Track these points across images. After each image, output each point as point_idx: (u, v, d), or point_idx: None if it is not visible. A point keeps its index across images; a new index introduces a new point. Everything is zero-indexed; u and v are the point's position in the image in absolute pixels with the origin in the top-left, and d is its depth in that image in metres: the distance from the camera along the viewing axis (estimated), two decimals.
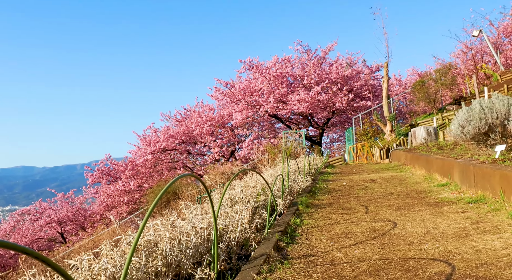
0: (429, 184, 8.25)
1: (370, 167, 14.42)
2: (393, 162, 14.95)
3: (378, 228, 4.80)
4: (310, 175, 10.58)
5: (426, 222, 4.86)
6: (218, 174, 22.95)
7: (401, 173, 11.02)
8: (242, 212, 4.78)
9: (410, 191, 7.66)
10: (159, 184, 24.34)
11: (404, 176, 10.12)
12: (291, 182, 7.90)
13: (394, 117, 21.49)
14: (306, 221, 5.38)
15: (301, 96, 24.48)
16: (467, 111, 7.39)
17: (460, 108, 21.41)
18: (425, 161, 9.95)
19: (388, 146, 20.22)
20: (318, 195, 7.95)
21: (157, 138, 25.97)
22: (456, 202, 5.92)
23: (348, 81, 26.24)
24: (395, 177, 10.19)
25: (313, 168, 11.60)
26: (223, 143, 26.64)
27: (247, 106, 26.09)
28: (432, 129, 14.83)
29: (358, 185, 9.15)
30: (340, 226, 5.02)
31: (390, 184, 8.86)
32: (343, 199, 7.30)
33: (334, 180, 10.52)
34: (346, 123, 30.19)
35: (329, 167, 15.26)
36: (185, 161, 26.66)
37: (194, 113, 27.89)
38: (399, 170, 11.79)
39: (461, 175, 7.05)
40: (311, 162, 12.89)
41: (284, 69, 25.23)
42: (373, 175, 11.12)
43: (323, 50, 26.01)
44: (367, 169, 13.58)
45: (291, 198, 7.21)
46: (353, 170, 13.29)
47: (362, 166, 15.94)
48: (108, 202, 25.37)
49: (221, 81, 26.10)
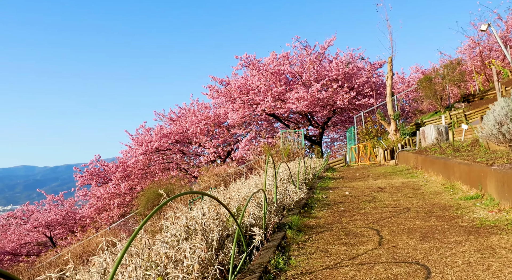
0: (452, 196, 6.50)
1: (374, 170, 12.66)
2: (400, 165, 13.19)
3: (403, 277, 3.06)
4: (307, 182, 8.85)
5: (476, 268, 3.11)
6: (213, 175, 21.26)
7: (412, 179, 9.26)
8: (194, 251, 3.04)
9: (431, 205, 5.91)
10: (150, 186, 22.66)
11: (418, 183, 8.36)
12: (281, 194, 6.16)
13: (399, 115, 19.71)
14: (294, 261, 3.63)
15: (300, 94, 22.74)
16: (508, 104, 5.61)
17: (470, 106, 19.58)
18: (443, 166, 8.19)
19: (393, 146, 18.45)
20: (315, 210, 6.21)
21: (150, 138, 24.27)
22: (505, 228, 4.16)
23: (349, 78, 24.48)
24: (406, 184, 8.43)
25: (310, 172, 9.86)
26: (219, 143, 24.92)
27: (244, 105, 24.35)
28: (443, 128, 13.07)
29: (364, 195, 7.41)
30: (344, 272, 3.28)
31: (402, 195, 7.12)
32: (347, 217, 5.56)
33: (335, 187, 8.77)
34: (347, 123, 28.41)
35: (329, 170, 13.51)
36: (179, 162, 24.94)
37: (188, 112, 26.18)
38: (410, 175, 10.03)
39: (499, 187, 5.30)
40: (309, 165, 11.15)
41: (282, 66, 23.49)
42: (380, 181, 9.36)
43: (322, 46, 24.24)
44: (372, 172, 11.82)
45: (280, 216, 5.48)
46: (356, 174, 11.53)
47: (365, 168, 14.19)
48: (98, 204, 23.68)
49: (216, 78, 24.37)
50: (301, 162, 10.91)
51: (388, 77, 19.70)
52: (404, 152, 13.44)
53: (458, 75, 19.63)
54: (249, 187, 6.23)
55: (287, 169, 8.28)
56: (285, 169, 9.69)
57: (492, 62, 21.43)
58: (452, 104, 20.68)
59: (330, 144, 35.82)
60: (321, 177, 10.95)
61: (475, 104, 19.34)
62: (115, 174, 23.10)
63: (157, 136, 24.06)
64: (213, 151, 24.27)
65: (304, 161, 9.59)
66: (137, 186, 23.98)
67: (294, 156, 18.39)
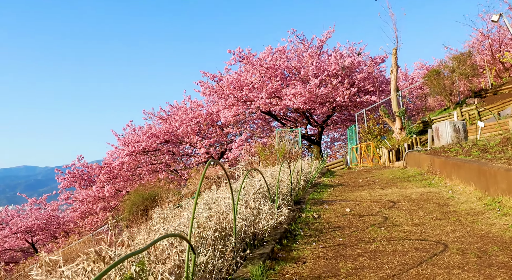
0: (504, 219, 4.26)
1: (380, 174, 10.41)
2: (410, 168, 10.92)
3: None
4: (295, 193, 6.62)
5: None
6: None
7: (432, 188, 7.01)
8: None
9: (478, 237, 3.68)
10: (136, 190, 20.52)
11: (442, 195, 6.12)
12: (246, 221, 3.93)
13: (405, 112, 17.44)
14: None
15: (297, 90, 20.51)
16: None
17: (483, 102, 17.28)
18: (476, 172, 5.94)
19: (398, 146, 16.19)
20: (299, 243, 3.99)
21: (137, 138, 22.10)
22: None
23: (350, 74, 22.23)
24: (426, 196, 6.19)
25: (301, 180, 7.61)
26: (211, 143, 22.72)
27: (237, 102, 22.14)
28: (460, 125, 10.81)
29: (371, 214, 5.17)
30: None
31: (426, 214, 4.88)
32: (347, 261, 3.33)
33: (332, 200, 6.53)
34: (348, 122, 26.15)
35: (326, 175, 11.25)
36: (169, 163, 22.75)
37: (180, 110, 23.99)
38: (426, 182, 7.77)
39: None
40: (303, 168, 8.90)
41: (278, 60, 21.29)
42: (390, 190, 7.12)
43: (320, 39, 21.96)
44: (378, 177, 9.58)
45: (236, 261, 3.26)
46: (359, 180, 9.28)
47: (368, 171, 11.94)
48: (82, 209, 21.53)
49: (208, 74, 22.18)
50: (294, 164, 8.71)
51: (392, 70, 17.43)
52: (414, 153, 11.18)
53: (470, 68, 17.33)
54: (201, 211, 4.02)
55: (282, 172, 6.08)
56: (271, 174, 7.50)
57: (505, 55, 19.11)
58: (463, 100, 18.39)
59: (330, 144, 33.53)
60: (315, 184, 8.71)
61: (489, 100, 17.05)
62: (99, 176, 20.91)
63: (145, 136, 21.89)
64: (205, 151, 22.06)
65: (299, 163, 7.38)
66: (123, 189, 21.82)
67: (290, 157, 16.21)
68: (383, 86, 23.37)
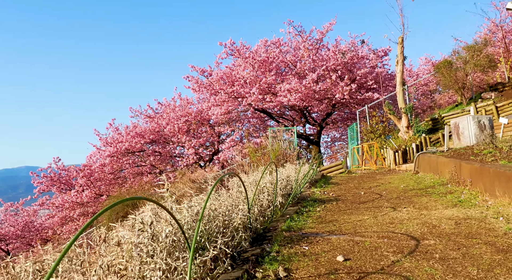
0: None
1: (387, 181, 8.17)
2: (424, 174, 8.68)
3: None
4: (262, 220, 4.39)
5: None
6: (188, 182, 16.81)
7: (467, 209, 4.78)
8: None
9: None
10: (117, 195, 18.37)
11: (491, 225, 3.91)
12: None
13: (412, 108, 15.18)
14: None
15: (292, 86, 18.29)
16: None
17: (501, 96, 14.97)
18: None
19: (405, 147, 13.95)
20: None
21: (121, 137, 19.95)
22: None
23: (351, 69, 19.98)
24: (466, 226, 3.97)
25: (278, 194, 5.39)
26: (201, 143, 20.54)
27: (228, 98, 19.95)
28: (486, 121, 8.56)
29: (381, 272, 2.97)
30: None
31: (481, 271, 2.69)
32: None
33: (316, 234, 4.31)
34: (349, 120, 23.89)
35: (319, 183, 8.99)
36: (155, 165, 20.58)
37: (168, 107, 21.82)
38: (453, 196, 5.54)
39: None
40: (288, 175, 6.68)
41: (273, 53, 19.09)
42: (405, 212, 4.89)
43: (320, 31, 19.66)
44: (385, 187, 7.35)
45: None
46: (360, 192, 7.05)
47: (372, 176, 9.71)
48: (60, 215, 19.41)
49: (197, 68, 19.99)
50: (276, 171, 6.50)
51: (398, 61, 15.18)
52: (429, 155, 8.93)
53: (485, 58, 15.05)
54: None
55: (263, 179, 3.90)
56: (256, 181, 5.36)
57: None
58: (477, 95, 16.11)
59: (331, 144, 31.25)
60: (302, 198, 6.47)
61: (508, 94, 14.77)
62: (77, 179, 18.78)
63: (129, 136, 19.74)
64: (193, 152, 19.88)
65: (287, 168, 5.19)
66: (105, 194, 19.68)
67: (285, 158, 14.01)
68: (386, 83, 21.12)
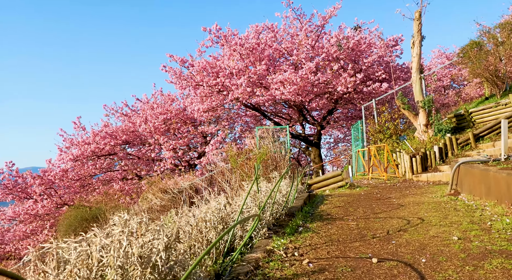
0: None
1: (415, 213, 4.89)
2: (471, 197, 5.37)
3: None
4: None
5: None
6: (158, 192, 13.58)
7: None
8: None
9: None
10: (76, 206, 15.26)
11: None
12: None
13: (432, 101, 11.79)
14: None
15: (286, 76, 15.05)
16: None
17: None
18: None
19: (425, 150, 10.60)
20: None
21: (87, 138, 16.85)
22: None
23: (356, 58, 16.67)
24: None
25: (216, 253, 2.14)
26: (181, 145, 17.37)
27: (211, 92, 16.75)
28: None
29: None
30: None
31: None
32: None
33: None
34: (354, 119, 20.55)
35: (303, 211, 5.63)
36: (126, 170, 17.42)
37: (146, 104, 18.68)
38: None
39: None
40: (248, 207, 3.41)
41: (265, 38, 15.88)
42: None
43: (323, 15, 16.31)
44: (420, 233, 4.07)
45: None
46: (367, 250, 3.78)
47: (386, 198, 6.40)
48: (17, 228, 16.38)
49: (176, 58, 16.83)
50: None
51: (414, 42, 11.83)
52: (478, 167, 5.62)
53: None
54: None
55: None
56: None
57: None
58: (511, 85, 12.70)
59: (334, 145, 27.87)
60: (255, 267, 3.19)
61: None
62: (33, 187, 15.72)
63: (98, 137, 16.64)
64: (171, 155, 16.70)
65: None
66: (68, 203, 16.58)
67: (277, 164, 10.77)
68: (397, 73, 17.76)
